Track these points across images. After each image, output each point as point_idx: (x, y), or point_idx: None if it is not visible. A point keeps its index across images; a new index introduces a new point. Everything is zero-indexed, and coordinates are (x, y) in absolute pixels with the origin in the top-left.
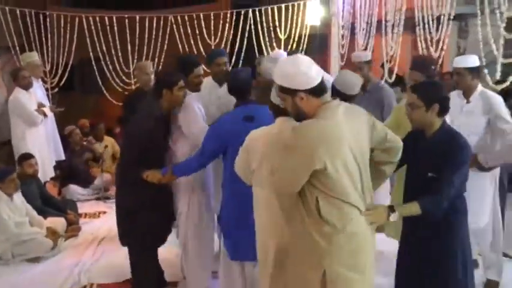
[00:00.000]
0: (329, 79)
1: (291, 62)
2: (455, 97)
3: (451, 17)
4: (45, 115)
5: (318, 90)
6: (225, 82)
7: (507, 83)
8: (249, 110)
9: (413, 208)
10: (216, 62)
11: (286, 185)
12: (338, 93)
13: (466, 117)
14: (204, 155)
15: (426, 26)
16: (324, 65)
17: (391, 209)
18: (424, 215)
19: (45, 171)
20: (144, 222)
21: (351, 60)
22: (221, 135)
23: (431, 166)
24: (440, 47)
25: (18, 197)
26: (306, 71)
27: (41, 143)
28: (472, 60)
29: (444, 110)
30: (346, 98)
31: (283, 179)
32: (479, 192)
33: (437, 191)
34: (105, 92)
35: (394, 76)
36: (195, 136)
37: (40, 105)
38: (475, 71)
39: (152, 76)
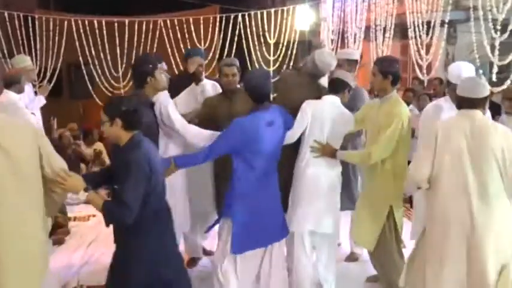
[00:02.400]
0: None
1: None
2: (449, 110)
3: (446, 22)
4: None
5: None
6: (201, 81)
7: (504, 86)
8: (270, 115)
9: (97, 201)
10: (190, 61)
11: None
12: (463, 99)
13: None
14: (217, 149)
15: (417, 31)
16: None
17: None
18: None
19: None
20: None
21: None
22: (247, 133)
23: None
24: (431, 51)
25: None
26: None
27: None
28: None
29: (128, 123)
30: (474, 102)
31: None
32: None
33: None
34: (94, 96)
35: None
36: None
37: None
38: None
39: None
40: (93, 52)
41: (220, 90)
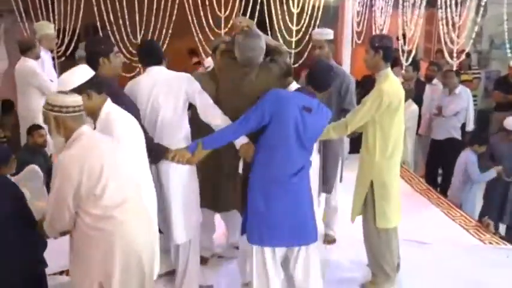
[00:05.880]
0: None
1: None
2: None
3: None
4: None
5: None
6: None
7: None
8: (307, 101)
9: None
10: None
11: None
12: None
13: None
14: (249, 121)
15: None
16: (336, 43)
17: None
18: None
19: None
20: None
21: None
22: (278, 101)
23: None
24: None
25: None
26: None
27: None
28: None
29: None
30: None
31: None
32: None
33: None
34: None
35: (411, 58)
36: None
37: None
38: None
39: None
40: (111, 17)
41: None
